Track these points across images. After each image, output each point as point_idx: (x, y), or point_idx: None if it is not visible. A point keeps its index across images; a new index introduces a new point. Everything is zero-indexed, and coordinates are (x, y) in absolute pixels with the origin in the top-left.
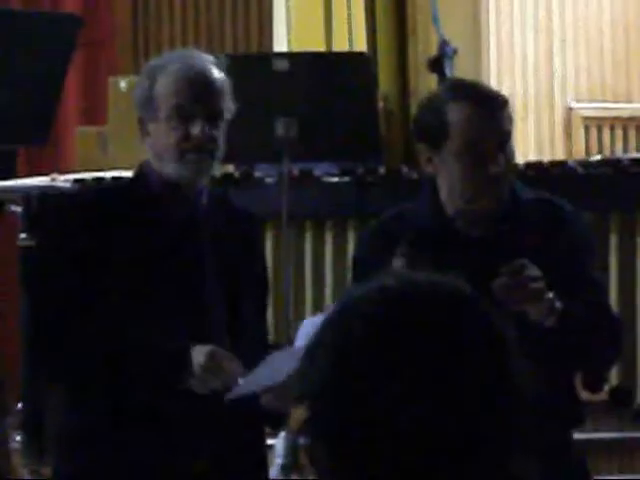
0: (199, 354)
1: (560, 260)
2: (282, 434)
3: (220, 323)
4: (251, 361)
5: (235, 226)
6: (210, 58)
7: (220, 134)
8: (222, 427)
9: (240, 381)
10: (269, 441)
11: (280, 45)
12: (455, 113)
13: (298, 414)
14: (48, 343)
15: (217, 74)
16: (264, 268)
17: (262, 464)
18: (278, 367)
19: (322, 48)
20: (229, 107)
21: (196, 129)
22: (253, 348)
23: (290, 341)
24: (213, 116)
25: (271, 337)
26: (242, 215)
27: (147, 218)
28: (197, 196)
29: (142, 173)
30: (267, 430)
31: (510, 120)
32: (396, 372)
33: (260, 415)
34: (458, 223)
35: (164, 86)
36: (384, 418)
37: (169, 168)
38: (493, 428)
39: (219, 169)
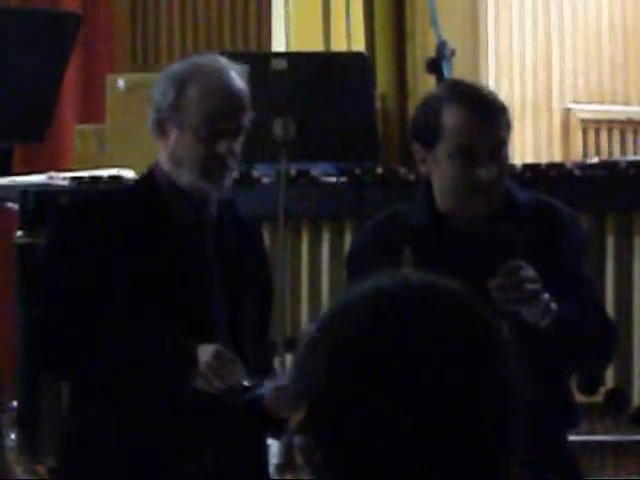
0: (205, 353)
1: (556, 262)
2: None
3: (223, 327)
4: (253, 365)
5: (241, 233)
6: (237, 69)
7: (240, 146)
8: (224, 428)
9: (246, 381)
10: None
11: (278, 45)
12: (449, 115)
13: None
14: (54, 343)
15: (245, 89)
16: (270, 275)
17: (263, 465)
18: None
19: (320, 48)
20: (250, 117)
21: (223, 147)
22: (256, 353)
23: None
24: (238, 131)
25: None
26: (248, 222)
27: (155, 222)
28: (205, 202)
29: (152, 176)
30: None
31: (507, 126)
32: (391, 372)
33: (262, 421)
34: (452, 223)
35: (195, 98)
36: (379, 418)
37: (186, 178)
38: (488, 429)
39: None
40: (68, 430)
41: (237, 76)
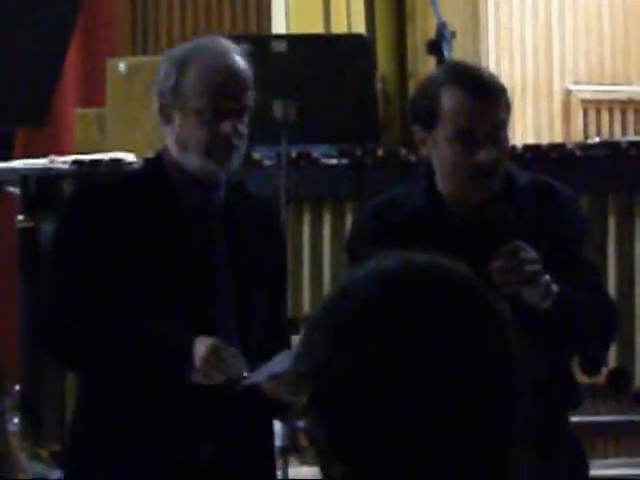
0: (201, 347)
1: (556, 243)
2: None
3: (231, 312)
4: (265, 351)
5: (253, 214)
6: (237, 49)
7: (246, 127)
8: (226, 418)
9: (246, 372)
10: None
11: (278, 27)
12: (448, 97)
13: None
14: (59, 332)
15: (246, 68)
16: (284, 257)
17: (269, 451)
18: (286, 357)
19: (321, 30)
20: (253, 97)
21: (227, 127)
22: (267, 338)
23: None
24: (242, 111)
25: None
26: (260, 203)
27: (163, 207)
28: (214, 185)
29: (160, 160)
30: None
31: (506, 108)
32: (395, 354)
33: (267, 408)
34: (453, 206)
35: (196, 80)
36: (383, 399)
37: (193, 161)
38: (492, 412)
39: None
40: (75, 423)
41: (238, 56)
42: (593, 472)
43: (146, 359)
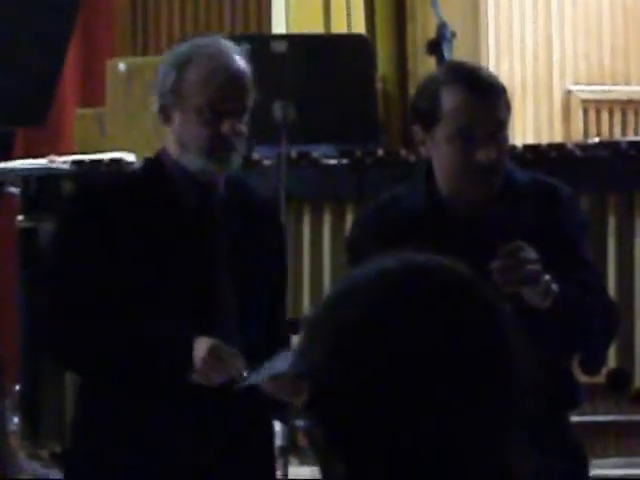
0: (201, 347)
1: (555, 242)
2: None
3: (232, 310)
4: (265, 350)
5: (254, 212)
6: (238, 49)
7: (245, 127)
8: (230, 417)
9: (246, 373)
10: None
11: (278, 27)
12: (448, 97)
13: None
14: (56, 327)
15: (246, 69)
16: (284, 257)
17: (270, 453)
18: (286, 357)
19: (321, 30)
20: (253, 97)
21: (227, 127)
22: (268, 338)
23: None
24: (242, 111)
25: None
26: (261, 201)
27: (162, 206)
28: (213, 184)
29: (159, 160)
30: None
31: (507, 109)
32: (395, 354)
33: (268, 408)
34: (452, 206)
35: (196, 80)
36: (383, 400)
37: (193, 161)
38: (493, 411)
39: None
40: (76, 423)
41: (238, 56)
42: (593, 472)
43: (146, 360)
